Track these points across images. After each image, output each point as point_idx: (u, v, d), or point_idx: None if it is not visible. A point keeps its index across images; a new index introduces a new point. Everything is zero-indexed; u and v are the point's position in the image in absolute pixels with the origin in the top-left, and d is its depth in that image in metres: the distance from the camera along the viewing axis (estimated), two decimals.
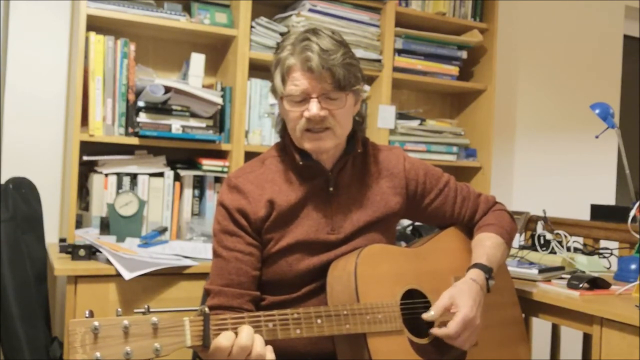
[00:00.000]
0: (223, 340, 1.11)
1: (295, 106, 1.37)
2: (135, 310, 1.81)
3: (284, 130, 1.48)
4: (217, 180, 2.33)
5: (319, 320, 1.24)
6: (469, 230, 1.61)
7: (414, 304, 1.38)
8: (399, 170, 1.53)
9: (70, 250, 1.87)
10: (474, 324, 1.34)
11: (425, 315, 1.33)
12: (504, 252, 1.53)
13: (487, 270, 1.42)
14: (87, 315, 1.02)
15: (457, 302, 1.33)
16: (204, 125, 2.23)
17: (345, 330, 1.27)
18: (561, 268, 1.88)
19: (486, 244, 1.50)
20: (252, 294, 1.39)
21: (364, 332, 1.28)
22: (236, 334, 1.13)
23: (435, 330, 1.33)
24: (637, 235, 1.82)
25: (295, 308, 1.25)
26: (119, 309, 1.06)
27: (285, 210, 1.41)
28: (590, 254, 2.10)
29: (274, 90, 1.44)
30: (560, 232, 2.12)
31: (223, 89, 2.32)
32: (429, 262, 1.47)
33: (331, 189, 1.45)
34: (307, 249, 1.41)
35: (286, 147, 1.47)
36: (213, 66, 2.47)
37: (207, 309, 1.11)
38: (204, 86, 2.28)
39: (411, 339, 1.34)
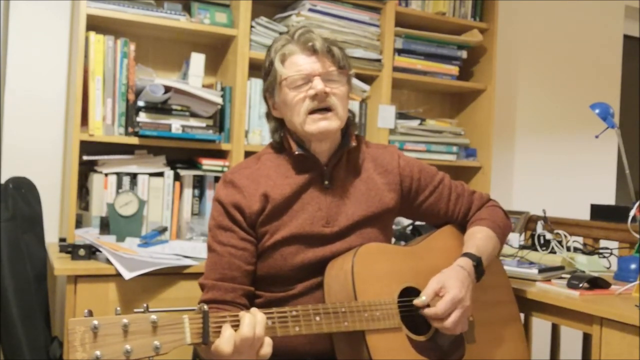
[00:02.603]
0: (224, 343, 1.11)
1: (296, 89, 1.41)
2: (135, 310, 1.82)
3: (276, 129, 1.50)
4: (217, 180, 2.33)
5: (317, 318, 1.25)
6: (464, 228, 1.61)
7: (411, 301, 1.38)
8: (394, 167, 1.54)
9: (70, 250, 1.87)
10: (464, 304, 1.34)
11: (417, 301, 1.34)
12: (495, 244, 1.54)
13: (475, 258, 1.43)
14: (86, 314, 1.02)
15: (446, 285, 1.34)
16: (203, 125, 2.24)
17: (344, 328, 1.27)
18: (561, 268, 1.88)
19: (477, 236, 1.51)
20: (245, 288, 1.40)
21: (362, 330, 1.29)
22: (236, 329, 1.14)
23: (426, 310, 1.33)
24: (637, 235, 1.82)
25: (293, 306, 1.26)
26: (118, 308, 1.06)
27: (280, 203, 1.42)
28: (590, 253, 2.10)
29: (267, 90, 1.47)
30: (560, 231, 2.12)
31: (223, 89, 2.33)
32: (425, 260, 1.48)
33: (326, 182, 1.46)
34: (302, 242, 1.41)
35: (282, 142, 1.48)
36: (213, 66, 2.47)
37: (205, 307, 1.11)
38: (204, 86, 2.28)
39: (409, 336, 1.34)
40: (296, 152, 1.44)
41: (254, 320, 1.14)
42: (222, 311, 1.31)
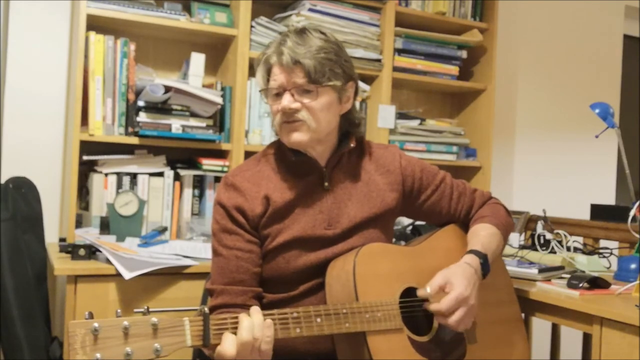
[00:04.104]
0: (227, 346, 1.13)
1: (274, 100, 1.41)
2: (135, 310, 1.82)
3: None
4: (217, 180, 2.33)
5: (318, 319, 1.25)
6: (466, 227, 1.61)
7: (412, 302, 1.38)
8: (395, 167, 1.54)
9: (70, 249, 1.87)
10: (468, 303, 1.34)
11: (420, 292, 1.34)
12: (499, 241, 1.54)
13: (481, 255, 1.43)
14: (86, 317, 1.02)
15: (452, 281, 1.34)
16: (204, 124, 2.24)
17: (345, 329, 1.27)
18: (561, 268, 1.88)
19: (481, 234, 1.51)
20: (254, 290, 1.40)
21: (363, 331, 1.28)
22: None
23: (429, 306, 1.33)
24: (637, 235, 1.82)
25: (295, 307, 1.26)
26: (119, 310, 1.06)
27: (281, 206, 1.42)
28: (590, 253, 2.10)
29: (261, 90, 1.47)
30: (560, 231, 2.12)
31: (223, 89, 2.33)
32: (427, 260, 1.47)
33: (326, 184, 1.46)
34: (305, 245, 1.41)
35: (281, 145, 1.48)
36: (213, 66, 2.47)
37: (206, 309, 1.12)
38: (204, 86, 2.28)
39: (411, 337, 1.34)
40: (293, 159, 1.44)
41: (251, 324, 1.15)
42: (225, 313, 1.32)
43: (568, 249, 2.05)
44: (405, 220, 2.31)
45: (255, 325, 1.15)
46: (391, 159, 1.55)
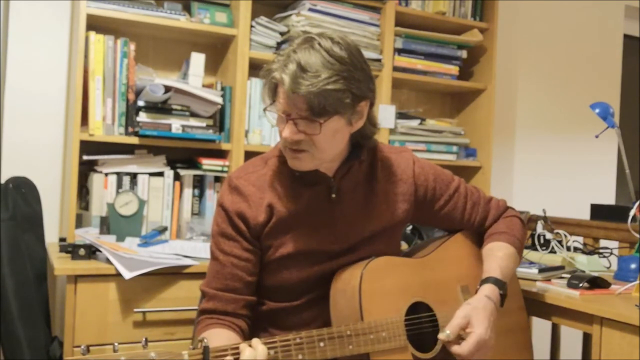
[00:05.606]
0: None
1: (279, 121, 1.32)
2: (135, 310, 1.82)
3: None
4: (217, 179, 2.33)
5: (321, 344, 1.22)
6: (477, 235, 1.58)
7: (419, 318, 1.36)
8: (408, 176, 1.48)
9: (70, 249, 1.87)
10: (488, 345, 1.32)
11: (441, 336, 1.31)
12: (515, 262, 1.51)
13: (501, 285, 1.40)
14: (82, 352, 0.99)
15: (472, 322, 1.32)
16: (204, 124, 2.24)
17: (349, 352, 1.25)
18: (561, 267, 1.88)
19: (498, 255, 1.47)
20: (247, 299, 1.38)
21: (367, 352, 1.26)
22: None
23: (453, 348, 1.31)
24: (637, 235, 1.82)
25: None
26: (116, 344, 1.03)
27: (285, 217, 1.37)
28: (590, 253, 2.10)
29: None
30: (560, 231, 2.12)
31: (223, 89, 2.32)
32: (435, 272, 1.45)
33: (334, 195, 1.40)
34: (309, 258, 1.38)
35: None
36: (213, 66, 2.47)
37: (206, 341, 1.09)
38: (204, 86, 2.28)
39: (415, 355, 1.32)
40: (297, 174, 1.37)
41: (254, 355, 1.12)
42: (221, 327, 1.31)
43: (568, 248, 2.05)
44: None
45: (258, 354, 1.12)
46: (404, 167, 1.49)
